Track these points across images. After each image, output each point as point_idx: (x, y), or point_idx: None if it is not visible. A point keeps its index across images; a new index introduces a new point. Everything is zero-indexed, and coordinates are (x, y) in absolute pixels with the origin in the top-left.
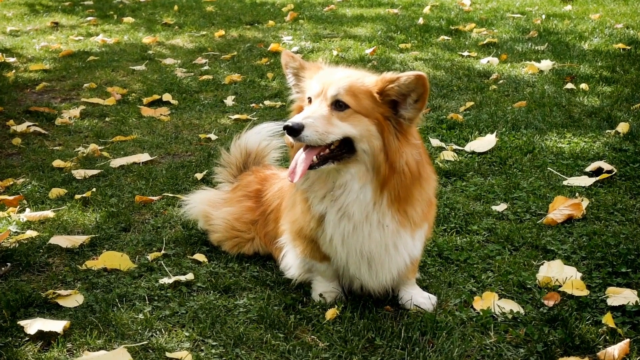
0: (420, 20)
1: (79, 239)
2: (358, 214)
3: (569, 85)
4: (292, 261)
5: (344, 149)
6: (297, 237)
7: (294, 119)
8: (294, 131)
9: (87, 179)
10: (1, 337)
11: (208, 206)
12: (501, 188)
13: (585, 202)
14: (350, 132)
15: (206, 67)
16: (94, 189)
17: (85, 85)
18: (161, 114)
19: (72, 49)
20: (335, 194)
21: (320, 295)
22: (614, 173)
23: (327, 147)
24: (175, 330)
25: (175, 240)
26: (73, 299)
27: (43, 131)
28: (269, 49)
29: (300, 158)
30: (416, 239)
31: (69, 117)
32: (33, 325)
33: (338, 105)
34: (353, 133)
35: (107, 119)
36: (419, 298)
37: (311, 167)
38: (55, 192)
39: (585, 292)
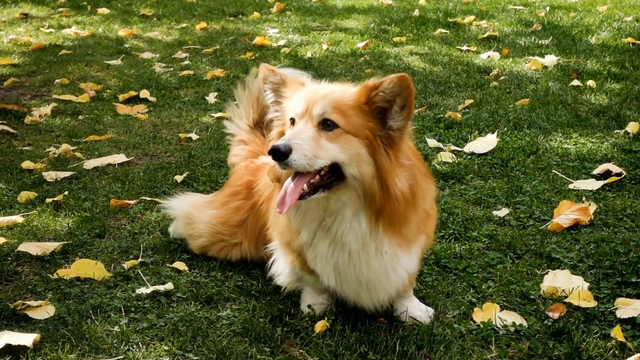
0: (416, 12)
1: (50, 246)
2: (354, 243)
3: (575, 82)
4: (281, 268)
5: (333, 176)
6: (286, 247)
7: (280, 142)
8: (281, 155)
9: (59, 182)
10: None
11: (192, 207)
12: (503, 192)
13: (592, 207)
14: (338, 157)
15: (187, 62)
16: (66, 193)
17: (56, 81)
18: (138, 112)
19: (43, 42)
20: (327, 224)
21: (309, 306)
22: (623, 176)
23: (317, 174)
24: (154, 344)
25: (154, 247)
26: (44, 311)
27: (11, 130)
28: (254, 43)
29: (290, 187)
30: (412, 253)
31: (40, 115)
32: (0, 339)
33: (326, 124)
34: (341, 158)
35: (80, 117)
36: (415, 311)
37: (301, 197)
38: (25, 195)
39: (592, 304)
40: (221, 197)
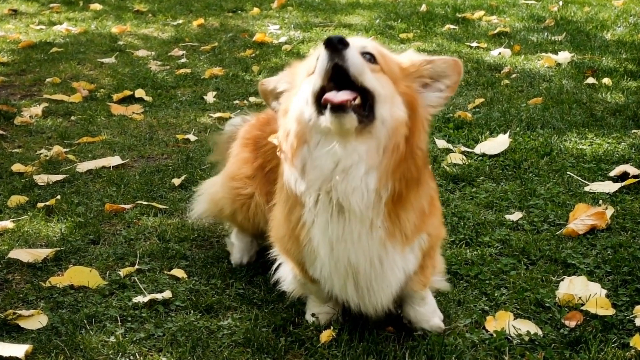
0: (423, 7)
1: (42, 253)
2: (356, 207)
3: (590, 80)
4: (286, 274)
5: (365, 111)
6: (286, 254)
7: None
8: (342, 42)
9: (51, 185)
10: None
11: (212, 184)
12: (515, 195)
13: (609, 211)
14: (377, 88)
15: (184, 60)
16: (58, 197)
17: (47, 80)
18: (133, 112)
19: (33, 39)
20: (335, 182)
21: (314, 315)
22: None
23: (354, 99)
24: (152, 355)
25: (151, 253)
26: (36, 320)
27: (1, 132)
28: (253, 40)
29: (338, 94)
30: (407, 251)
31: (30, 116)
32: None
33: (366, 57)
34: (378, 90)
35: (72, 118)
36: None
37: (346, 108)
38: (15, 199)
39: (610, 311)
40: (233, 153)
